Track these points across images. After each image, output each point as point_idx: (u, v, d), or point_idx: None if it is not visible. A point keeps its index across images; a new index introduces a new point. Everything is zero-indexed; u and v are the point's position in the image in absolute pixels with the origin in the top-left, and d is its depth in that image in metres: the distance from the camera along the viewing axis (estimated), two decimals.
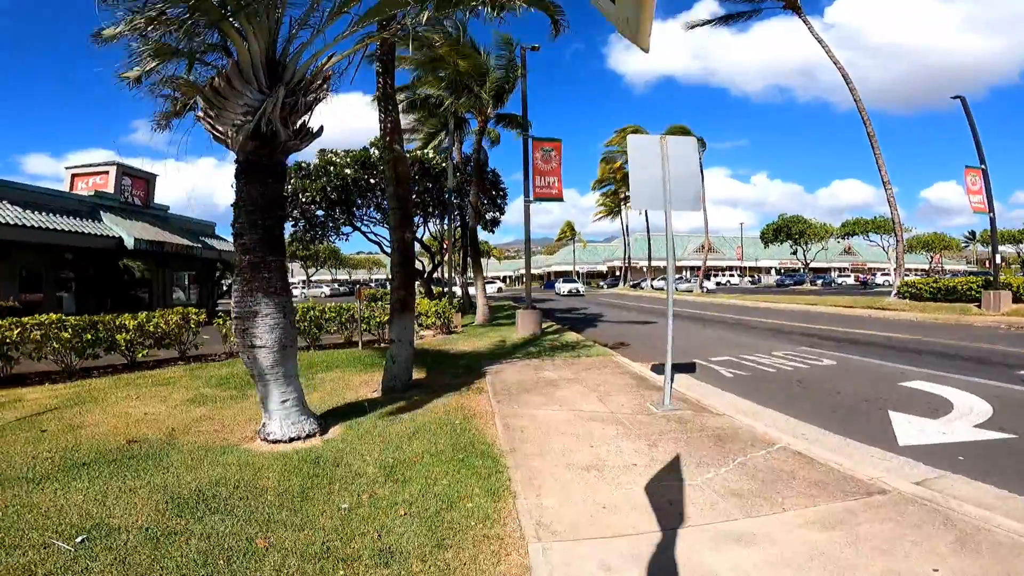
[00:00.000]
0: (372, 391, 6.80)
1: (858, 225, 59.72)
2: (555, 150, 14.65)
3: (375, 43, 6.08)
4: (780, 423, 5.50)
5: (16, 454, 4.43)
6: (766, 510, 3.35)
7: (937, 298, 20.16)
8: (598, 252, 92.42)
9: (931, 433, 5.12)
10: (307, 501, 3.48)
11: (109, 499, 3.50)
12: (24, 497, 3.53)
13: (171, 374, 8.30)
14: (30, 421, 5.57)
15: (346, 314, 11.71)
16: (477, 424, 5.31)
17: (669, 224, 6.06)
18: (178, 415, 5.75)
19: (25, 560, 2.73)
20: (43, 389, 7.30)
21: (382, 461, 4.22)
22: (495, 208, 24.16)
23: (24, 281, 16.17)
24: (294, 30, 4.89)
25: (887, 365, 8.70)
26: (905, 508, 3.32)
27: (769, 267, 79.47)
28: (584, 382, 7.34)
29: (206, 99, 4.52)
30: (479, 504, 3.46)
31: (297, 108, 4.71)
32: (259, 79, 4.50)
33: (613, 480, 3.89)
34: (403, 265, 7.03)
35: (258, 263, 4.62)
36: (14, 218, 14.45)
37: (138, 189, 20.07)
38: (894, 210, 22.23)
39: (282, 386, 4.74)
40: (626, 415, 5.68)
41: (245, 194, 4.61)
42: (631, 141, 6.07)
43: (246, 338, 4.60)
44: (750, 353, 10.26)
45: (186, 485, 3.73)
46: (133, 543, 2.92)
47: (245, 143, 4.49)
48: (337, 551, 2.86)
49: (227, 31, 4.38)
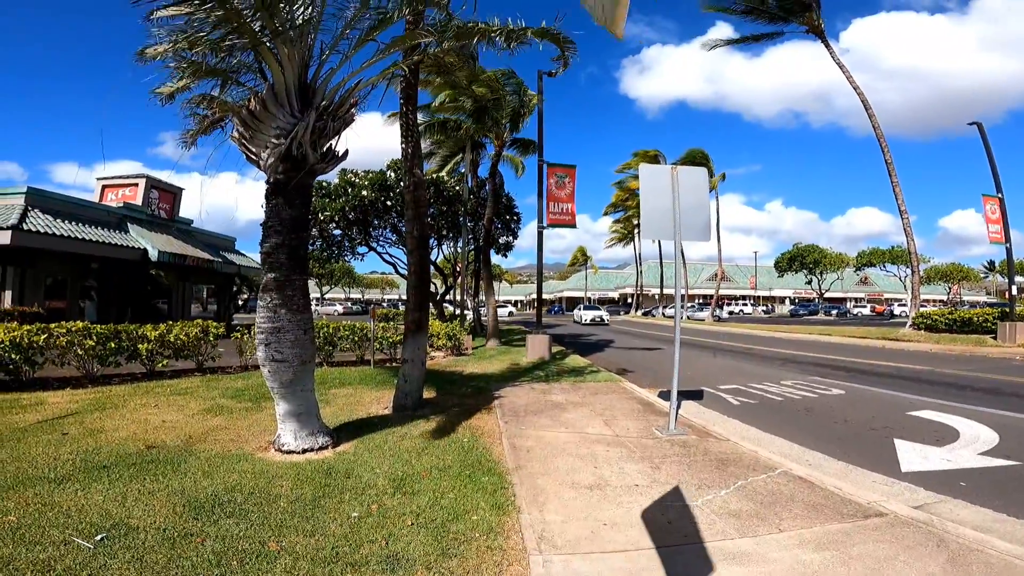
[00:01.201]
0: (383, 408, 6.93)
1: (875, 255, 59.20)
2: (569, 176, 14.89)
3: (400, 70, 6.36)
4: (784, 449, 5.55)
5: (39, 455, 4.58)
6: (763, 530, 3.43)
7: (952, 329, 20.01)
8: (610, 278, 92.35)
9: (935, 460, 5.15)
10: (318, 509, 3.60)
11: (128, 500, 3.63)
12: (46, 496, 3.66)
13: (188, 384, 8.51)
14: (52, 424, 5.74)
15: (360, 333, 11.90)
16: (484, 443, 5.41)
17: (678, 253, 6.19)
18: (195, 424, 5.91)
19: (45, 556, 2.84)
20: (64, 394, 7.51)
21: (391, 474, 4.34)
22: (509, 232, 24.46)
23: (49, 288, 16.63)
24: (324, 55, 5.17)
25: (897, 395, 8.69)
26: (900, 530, 3.38)
27: (783, 296, 78.83)
28: (591, 406, 7.41)
29: (242, 120, 4.77)
30: (484, 517, 3.57)
31: (326, 132, 4.94)
32: (291, 103, 4.76)
33: (615, 499, 3.98)
34: (418, 287, 7.21)
35: (283, 281, 4.81)
36: (45, 227, 14.94)
37: (165, 202, 20.66)
38: (910, 240, 22.13)
39: (300, 399, 4.90)
40: (631, 438, 5.74)
41: (274, 214, 4.82)
42: (643, 170, 6.24)
43: (268, 352, 4.78)
44: (758, 382, 10.25)
45: (202, 490, 3.86)
46: (150, 543, 3.04)
47: (276, 165, 4.72)
48: (346, 556, 2.98)
49: (264, 55, 4.65)
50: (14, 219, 14.17)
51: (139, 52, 5.41)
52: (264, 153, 4.75)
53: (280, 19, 4.36)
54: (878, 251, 59.12)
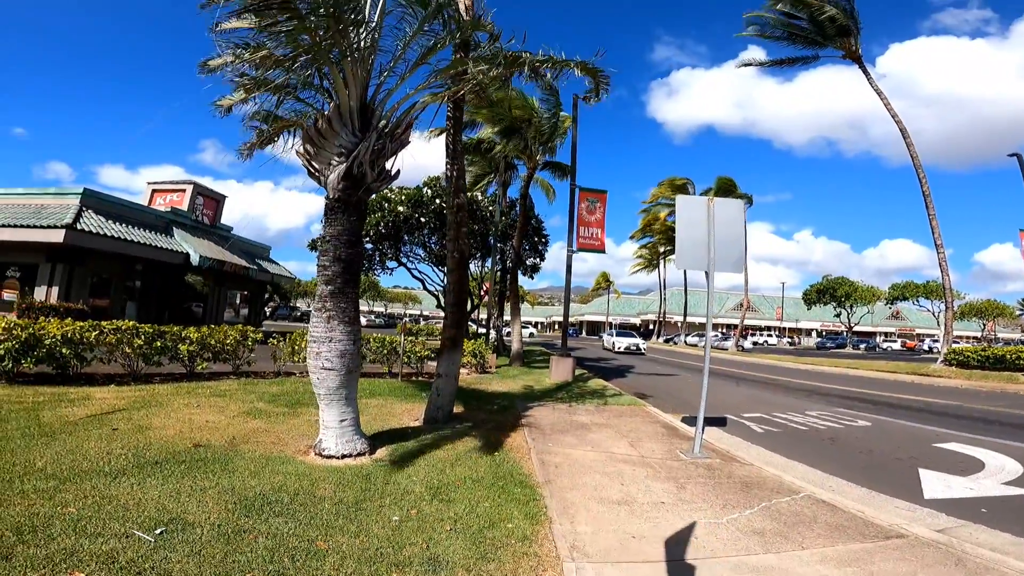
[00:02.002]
0: (414, 420, 7.10)
1: (908, 289, 57.57)
2: (600, 201, 15.09)
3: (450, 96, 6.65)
4: (807, 475, 5.59)
5: (91, 449, 4.74)
6: (786, 547, 3.52)
7: (985, 366, 19.65)
8: (632, 304, 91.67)
9: (958, 488, 5.19)
10: (361, 512, 3.75)
11: (182, 496, 3.77)
12: (103, 490, 3.78)
13: (226, 387, 8.80)
14: (100, 419, 5.96)
15: (388, 346, 12.14)
16: (514, 457, 5.53)
17: (711, 285, 6.28)
18: (236, 425, 6.13)
19: (108, 548, 2.91)
20: (109, 390, 7.81)
21: (428, 482, 4.49)
22: (536, 254, 24.64)
23: (94, 286, 17.31)
24: (383, 77, 5.45)
25: (923, 428, 8.64)
26: (920, 551, 3.46)
27: (810, 329, 77.26)
28: (615, 428, 7.47)
29: (308, 138, 5.04)
30: (518, 525, 3.70)
31: (384, 152, 5.19)
32: (353, 122, 5.02)
33: (642, 514, 4.09)
34: (457, 306, 7.41)
35: (337, 293, 5.03)
36: (97, 227, 15.64)
37: (208, 208, 21.45)
38: (945, 275, 21.68)
39: (343, 407, 5.09)
40: (656, 460, 5.81)
41: (332, 229, 5.05)
42: (679, 201, 6.38)
43: (319, 360, 4.98)
44: (783, 411, 10.19)
45: (251, 489, 4.03)
46: (207, 537, 3.17)
47: (337, 182, 4.97)
48: (390, 556, 3.12)
49: (333, 74, 4.90)
50: (69, 218, 14.88)
51: (202, 63, 5.67)
52: (326, 170, 5.01)
53: (348, 40, 4.59)
54: (912, 285, 57.55)
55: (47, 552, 2.81)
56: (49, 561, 2.73)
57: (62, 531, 3.07)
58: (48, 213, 15.37)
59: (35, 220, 15.01)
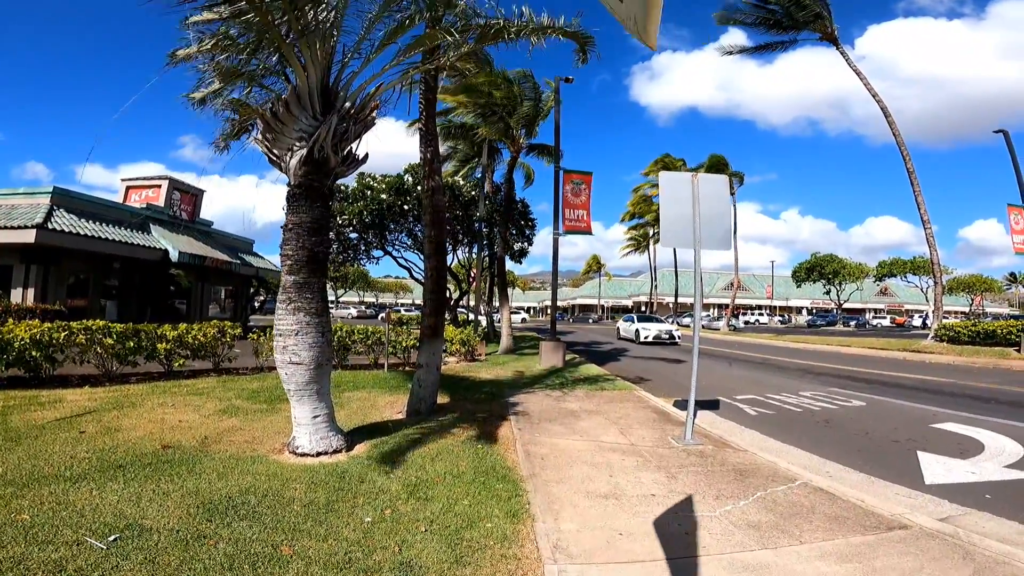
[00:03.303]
0: (397, 412, 6.91)
1: (895, 266, 58.11)
2: (585, 183, 14.85)
3: (419, 74, 6.34)
4: (803, 460, 5.45)
5: (55, 453, 4.59)
6: (783, 542, 3.35)
7: (976, 342, 19.83)
8: (624, 286, 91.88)
9: (959, 473, 5.07)
10: (332, 513, 3.57)
11: (143, 501, 3.61)
12: (60, 495, 3.64)
13: (205, 384, 8.57)
14: (70, 422, 5.77)
15: (374, 337, 11.93)
16: (498, 449, 5.36)
17: (698, 263, 6.10)
18: (210, 424, 5.93)
19: (57, 556, 2.79)
20: (83, 392, 7.58)
21: (405, 479, 4.31)
22: (523, 239, 24.39)
23: (71, 287, 16.91)
24: (347, 57, 5.18)
25: (919, 407, 8.55)
26: (925, 542, 3.31)
27: (800, 307, 77.83)
28: (605, 414, 7.32)
29: (265, 122, 4.80)
30: (498, 525, 3.52)
31: (347, 136, 4.95)
32: (314, 106, 4.77)
33: (631, 508, 3.92)
34: (435, 293, 7.19)
35: (302, 284, 4.81)
36: (69, 226, 15.23)
37: (186, 204, 20.98)
38: (933, 251, 21.75)
39: (315, 402, 4.89)
40: (646, 447, 5.66)
41: (294, 217, 4.82)
42: (662, 178, 6.17)
43: (285, 354, 4.77)
44: (776, 392, 10.09)
45: (217, 491, 3.85)
46: (163, 544, 3.01)
47: (298, 168, 4.73)
48: (359, 562, 2.94)
49: (289, 57, 4.66)
50: (39, 218, 14.47)
51: (171, 54, 5.43)
52: (287, 156, 4.77)
53: (305, 20, 4.36)
54: (899, 261, 58.03)
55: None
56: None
57: (12, 539, 2.95)
58: (18, 213, 14.93)
59: (5, 221, 14.56)
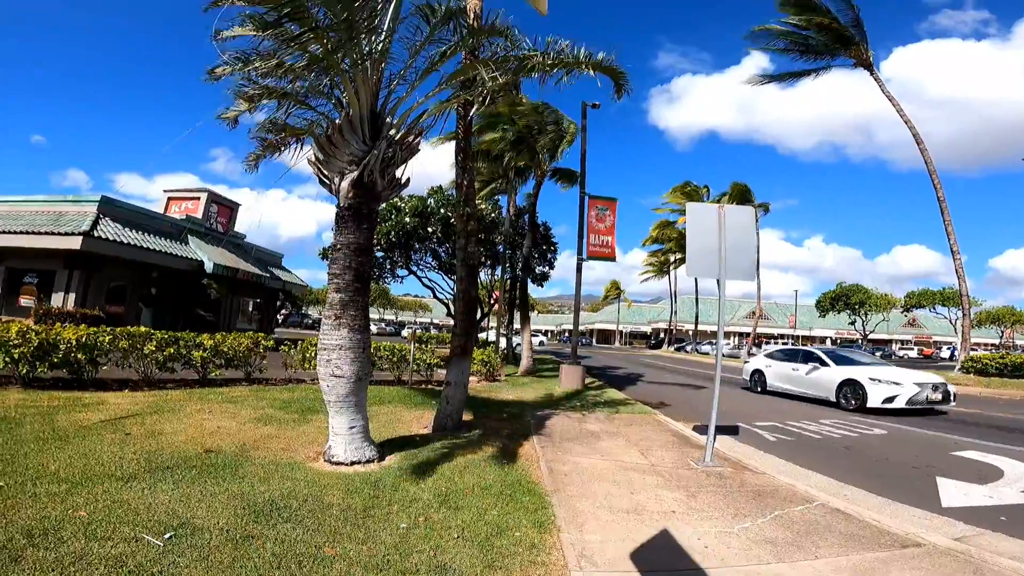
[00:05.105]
0: (423, 427, 7.09)
1: (924, 297, 56.47)
2: (610, 209, 15.05)
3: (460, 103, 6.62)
4: (821, 483, 5.50)
5: (104, 453, 4.79)
6: (799, 556, 3.46)
7: (1004, 374, 19.54)
8: (643, 313, 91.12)
9: (976, 496, 5.12)
10: (369, 519, 3.74)
11: (192, 501, 3.79)
12: (114, 494, 3.81)
13: (238, 393, 8.85)
14: (114, 424, 6.02)
15: (398, 354, 12.17)
16: (523, 465, 5.50)
17: (723, 293, 6.22)
18: (247, 431, 6.16)
19: (116, 552, 2.93)
20: (123, 395, 7.89)
21: (436, 489, 4.47)
22: (545, 263, 24.57)
23: (110, 293, 17.56)
24: (393, 84, 5.46)
25: (941, 436, 8.52)
26: (938, 559, 3.39)
27: (824, 337, 76.24)
28: (626, 436, 7.41)
29: (320, 146, 5.08)
30: (526, 534, 3.67)
31: (394, 160, 5.21)
32: (364, 131, 5.05)
33: (652, 523, 4.04)
34: (467, 314, 7.41)
35: (347, 301, 5.04)
36: (114, 234, 15.90)
37: (222, 216, 21.75)
38: (962, 281, 21.37)
39: (352, 414, 5.09)
40: (666, 468, 5.75)
41: (342, 238, 5.07)
42: (689, 208, 6.34)
43: (328, 367, 4.99)
44: (796, 420, 10.04)
45: (260, 495, 4.03)
46: (215, 543, 3.17)
47: (348, 190, 4.99)
48: (396, 564, 3.10)
49: (344, 83, 4.93)
50: (86, 226, 15.14)
51: (209, 71, 5.63)
52: (337, 179, 5.04)
53: (360, 48, 4.61)
54: (928, 292, 56.52)
55: (56, 555, 2.83)
56: (58, 564, 2.75)
57: (72, 535, 3.08)
58: (66, 220, 15.65)
59: (53, 227, 15.28)
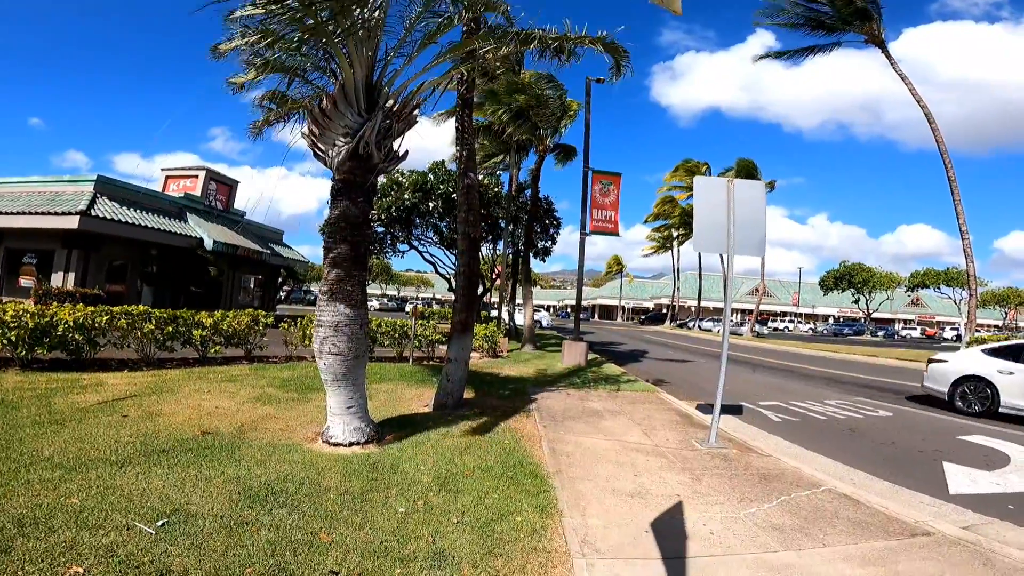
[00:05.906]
0: (424, 406, 7.02)
1: (928, 276, 56.10)
2: (614, 184, 14.79)
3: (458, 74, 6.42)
4: (827, 467, 5.46)
5: (99, 436, 4.70)
6: (806, 544, 3.40)
7: None
8: (645, 288, 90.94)
9: (984, 483, 5.09)
10: (366, 503, 3.68)
11: (187, 486, 3.71)
12: (107, 479, 3.71)
13: (237, 372, 8.80)
14: (111, 406, 5.93)
15: (400, 330, 12.09)
16: (525, 445, 5.44)
17: (730, 268, 6.09)
18: (245, 411, 6.10)
19: (108, 541, 2.85)
20: (122, 376, 7.81)
21: (435, 471, 4.41)
22: (547, 237, 24.36)
23: (110, 272, 17.49)
24: (389, 56, 5.27)
25: (947, 419, 8.48)
26: (947, 549, 3.35)
27: (827, 315, 76.21)
28: (628, 415, 7.35)
29: (314, 118, 4.92)
30: (527, 519, 3.60)
31: (391, 132, 5.05)
32: (359, 102, 4.87)
33: (656, 507, 3.98)
34: (468, 289, 7.28)
35: (343, 277, 4.92)
36: (111, 213, 15.76)
37: (221, 194, 21.59)
38: (970, 262, 21.11)
39: (350, 392, 5.00)
40: (670, 449, 5.69)
41: (338, 211, 4.93)
42: (697, 183, 6.16)
43: (325, 345, 4.89)
44: (801, 400, 10.00)
45: (256, 478, 3.96)
46: (209, 530, 3.09)
47: (343, 163, 4.84)
48: (394, 551, 3.04)
49: (336, 53, 4.77)
50: (83, 205, 14.99)
51: (213, 47, 5.57)
52: (332, 151, 4.88)
53: (352, 18, 4.44)
54: (932, 272, 56.07)
55: (47, 545, 2.76)
56: (48, 555, 2.67)
57: (63, 523, 3.01)
58: (63, 200, 15.49)
59: (50, 207, 15.14)
